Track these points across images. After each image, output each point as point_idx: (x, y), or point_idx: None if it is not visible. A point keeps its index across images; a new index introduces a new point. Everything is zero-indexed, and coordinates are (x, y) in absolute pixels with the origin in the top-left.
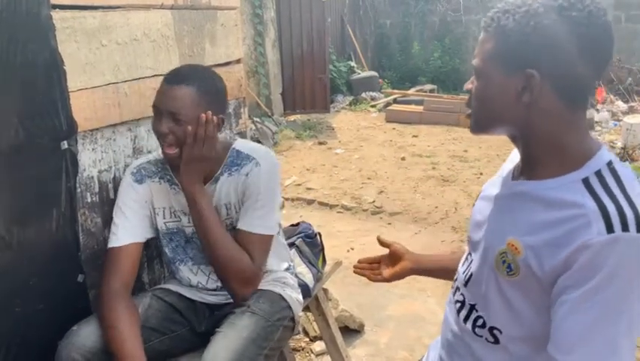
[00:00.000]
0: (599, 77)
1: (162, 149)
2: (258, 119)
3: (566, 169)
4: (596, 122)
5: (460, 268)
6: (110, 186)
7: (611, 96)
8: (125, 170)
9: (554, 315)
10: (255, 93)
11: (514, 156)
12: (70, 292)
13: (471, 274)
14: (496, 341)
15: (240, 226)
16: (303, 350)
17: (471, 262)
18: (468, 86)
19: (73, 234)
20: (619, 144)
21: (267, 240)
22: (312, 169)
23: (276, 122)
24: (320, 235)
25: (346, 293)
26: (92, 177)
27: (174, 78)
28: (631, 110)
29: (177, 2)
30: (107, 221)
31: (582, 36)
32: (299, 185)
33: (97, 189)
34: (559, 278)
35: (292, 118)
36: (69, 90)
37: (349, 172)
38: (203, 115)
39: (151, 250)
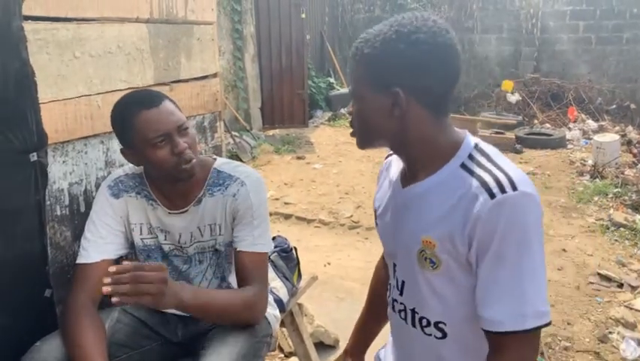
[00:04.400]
0: (454, 84)
1: (187, 167)
2: (236, 134)
3: (443, 162)
4: (568, 140)
5: (391, 282)
6: (81, 199)
7: (582, 115)
8: (96, 183)
9: (477, 286)
10: (233, 107)
11: (390, 169)
12: (37, 308)
13: (403, 282)
14: (444, 335)
15: (242, 248)
16: None
17: (395, 272)
18: (349, 109)
19: (42, 247)
20: (589, 162)
21: (266, 257)
22: (290, 184)
23: (255, 136)
24: (296, 250)
25: (322, 308)
26: (62, 190)
27: (153, 101)
28: (601, 129)
29: (153, 16)
30: (77, 235)
31: (430, 53)
32: (277, 199)
33: (67, 202)
34: (469, 254)
35: (271, 132)
36: (40, 102)
37: (327, 187)
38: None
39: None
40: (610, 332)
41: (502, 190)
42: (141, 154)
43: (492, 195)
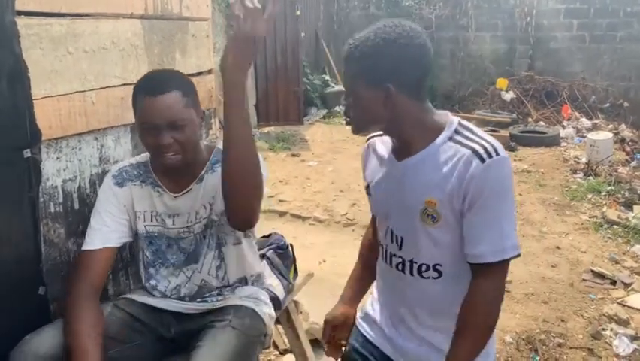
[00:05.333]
0: (428, 74)
1: (163, 160)
2: None
3: (432, 137)
4: (562, 138)
5: (384, 241)
6: (75, 196)
7: (576, 113)
8: (90, 180)
9: (465, 229)
10: None
11: (376, 149)
12: (30, 305)
13: (402, 238)
14: (440, 274)
15: None
16: None
17: (392, 232)
18: (344, 102)
19: (35, 245)
20: (583, 160)
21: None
22: (285, 181)
23: None
24: (292, 247)
25: (318, 305)
26: (56, 187)
27: (156, 88)
28: (595, 127)
29: (147, 12)
30: (71, 232)
31: (411, 53)
32: (271, 197)
33: (61, 199)
34: (463, 206)
35: (266, 130)
36: (33, 98)
37: (322, 184)
38: None
39: (117, 261)
40: (603, 329)
41: (489, 156)
42: (138, 133)
43: (482, 160)
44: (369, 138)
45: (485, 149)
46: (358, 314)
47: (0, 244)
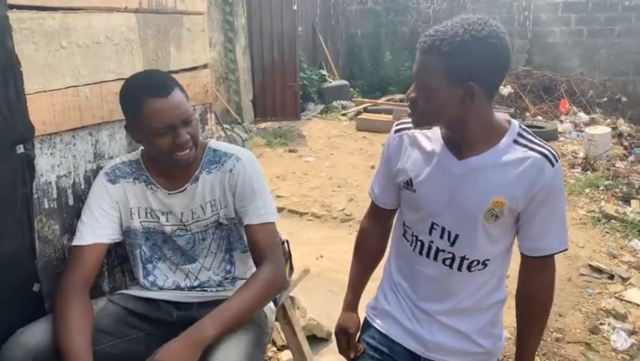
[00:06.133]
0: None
1: (179, 158)
2: (227, 127)
3: (496, 140)
4: (560, 132)
5: (426, 237)
6: (69, 192)
7: (574, 108)
8: (85, 175)
9: (528, 226)
10: (225, 100)
11: (418, 143)
12: (25, 302)
13: (457, 235)
14: (485, 267)
15: (249, 221)
16: (270, 359)
17: (443, 229)
18: (412, 94)
19: (29, 241)
20: (581, 154)
21: (274, 227)
22: (283, 177)
23: (246, 129)
24: (288, 243)
25: (314, 301)
26: (50, 183)
27: (163, 89)
28: (592, 122)
29: (142, 6)
30: (66, 228)
31: (500, 54)
32: (270, 192)
33: (55, 195)
34: (528, 205)
35: (263, 125)
36: (26, 93)
37: (319, 180)
38: None
39: (112, 258)
40: (601, 323)
41: (556, 160)
42: (143, 135)
43: (552, 165)
44: (400, 128)
45: (553, 154)
46: (368, 311)
47: None
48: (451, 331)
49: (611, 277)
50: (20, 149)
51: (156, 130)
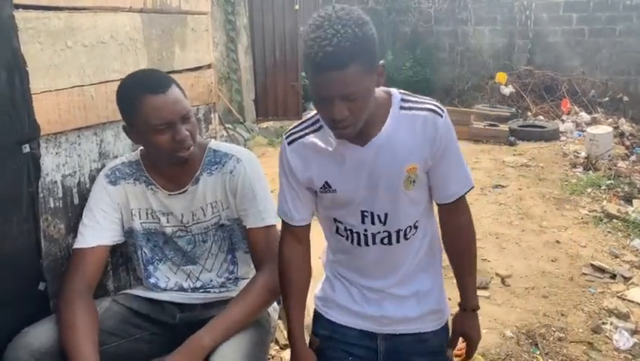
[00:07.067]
0: None
1: (181, 153)
2: (229, 126)
3: (386, 112)
4: (561, 132)
5: (359, 228)
6: (75, 191)
7: (576, 107)
8: (90, 175)
9: (435, 178)
10: (227, 99)
11: (316, 148)
12: (31, 301)
13: (386, 214)
14: (417, 228)
15: (250, 224)
16: (273, 358)
17: (372, 214)
18: (343, 113)
19: (35, 240)
20: (582, 154)
21: (275, 230)
22: None
23: (248, 128)
24: None
25: None
26: (56, 182)
27: (160, 85)
28: (594, 121)
29: (146, 6)
30: (71, 227)
31: (373, 27)
32: (271, 192)
33: (60, 195)
34: (434, 160)
35: (264, 125)
36: (32, 92)
37: None
38: None
39: (117, 257)
40: (603, 323)
41: (442, 110)
42: (142, 135)
43: (441, 116)
44: (293, 139)
45: (437, 106)
46: (317, 302)
47: (0, 240)
48: (400, 300)
49: (614, 276)
50: (26, 148)
51: (155, 127)
